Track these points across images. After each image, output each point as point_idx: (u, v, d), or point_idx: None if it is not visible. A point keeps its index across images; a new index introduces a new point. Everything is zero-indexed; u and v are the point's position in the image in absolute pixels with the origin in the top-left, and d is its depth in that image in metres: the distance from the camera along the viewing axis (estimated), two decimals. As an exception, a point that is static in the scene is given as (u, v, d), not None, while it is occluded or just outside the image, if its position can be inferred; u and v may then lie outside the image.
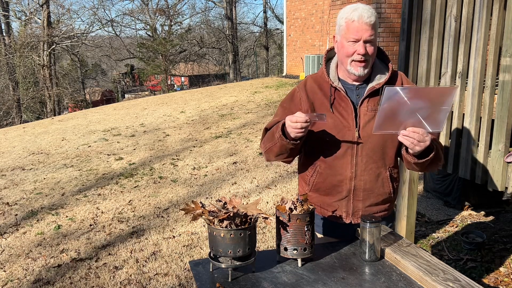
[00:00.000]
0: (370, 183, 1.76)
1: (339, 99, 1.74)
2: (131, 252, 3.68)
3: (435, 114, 1.51)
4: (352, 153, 1.73)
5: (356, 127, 1.72)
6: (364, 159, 1.73)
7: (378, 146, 1.73)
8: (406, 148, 1.63)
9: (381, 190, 1.79)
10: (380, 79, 1.73)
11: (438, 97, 1.50)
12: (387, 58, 1.80)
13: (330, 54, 1.84)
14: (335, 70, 1.78)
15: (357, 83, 1.76)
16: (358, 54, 1.65)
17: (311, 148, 1.81)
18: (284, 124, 1.64)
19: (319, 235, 1.90)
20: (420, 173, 3.72)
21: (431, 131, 1.55)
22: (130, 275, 3.30)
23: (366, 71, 1.69)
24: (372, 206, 1.80)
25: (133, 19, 35.90)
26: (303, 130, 1.57)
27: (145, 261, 3.51)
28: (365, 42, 1.64)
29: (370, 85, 1.73)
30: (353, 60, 1.67)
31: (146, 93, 32.63)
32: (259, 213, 1.53)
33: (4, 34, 23.85)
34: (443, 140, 2.71)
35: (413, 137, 1.52)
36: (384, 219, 1.88)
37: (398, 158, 1.84)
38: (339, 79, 1.77)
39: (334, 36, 1.76)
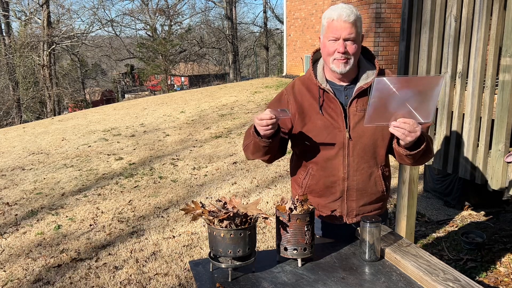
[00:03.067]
0: (363, 183, 1.77)
1: (328, 101, 1.74)
2: (131, 252, 3.68)
3: (424, 104, 1.53)
4: (343, 153, 1.74)
5: (347, 128, 1.72)
6: (356, 159, 1.74)
7: (369, 146, 1.74)
8: (398, 141, 1.64)
9: (374, 189, 1.80)
10: (367, 79, 1.74)
11: (426, 86, 1.51)
12: (373, 56, 1.81)
13: (316, 56, 1.84)
14: (322, 72, 1.78)
15: (344, 84, 1.76)
16: (338, 52, 1.66)
17: (302, 151, 1.81)
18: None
19: (317, 237, 1.90)
20: (420, 173, 3.72)
21: (422, 121, 1.56)
22: (130, 275, 3.30)
23: (347, 68, 1.69)
24: (366, 205, 1.81)
25: (133, 19, 35.95)
26: (269, 127, 1.58)
27: (145, 261, 3.51)
28: (345, 40, 1.64)
29: (358, 85, 1.74)
30: (334, 59, 1.68)
31: (146, 93, 32.63)
32: (259, 213, 1.53)
33: (4, 34, 23.84)
34: (443, 140, 2.71)
35: (404, 128, 1.53)
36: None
37: (389, 156, 1.85)
38: (327, 80, 1.77)
39: (319, 37, 1.76)
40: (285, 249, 1.59)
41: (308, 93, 1.77)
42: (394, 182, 3.56)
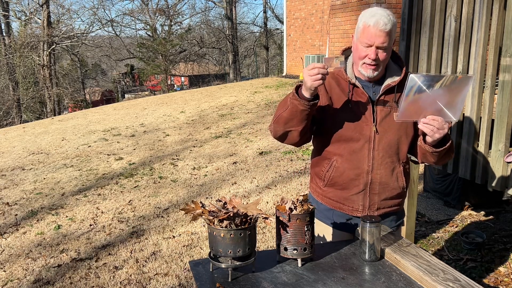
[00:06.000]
0: (386, 177, 1.81)
1: (356, 95, 1.79)
2: (131, 252, 3.68)
3: (453, 103, 1.58)
4: (369, 147, 1.78)
5: (374, 122, 1.77)
6: (381, 153, 1.78)
7: (393, 141, 1.79)
8: (423, 139, 1.69)
9: (396, 184, 1.83)
10: (394, 78, 1.80)
11: (456, 85, 1.56)
12: (401, 61, 1.86)
13: (346, 53, 1.89)
14: (352, 68, 1.82)
15: (372, 81, 1.81)
16: (369, 58, 1.70)
17: (327, 142, 1.84)
18: (297, 86, 1.67)
19: (334, 230, 1.91)
20: (420, 173, 3.72)
21: (454, 119, 1.62)
22: (130, 275, 3.30)
23: (376, 73, 1.75)
24: (387, 199, 1.85)
25: (133, 19, 35.91)
26: (319, 76, 1.57)
27: (145, 261, 3.51)
28: (378, 48, 1.68)
29: (386, 83, 1.79)
30: (364, 63, 1.73)
31: (146, 93, 32.62)
32: (259, 213, 1.53)
33: (4, 34, 23.84)
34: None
35: (433, 125, 1.60)
36: (396, 214, 1.93)
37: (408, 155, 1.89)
38: (355, 77, 1.81)
39: (353, 35, 1.79)
40: (285, 249, 1.59)
41: (338, 87, 1.81)
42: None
